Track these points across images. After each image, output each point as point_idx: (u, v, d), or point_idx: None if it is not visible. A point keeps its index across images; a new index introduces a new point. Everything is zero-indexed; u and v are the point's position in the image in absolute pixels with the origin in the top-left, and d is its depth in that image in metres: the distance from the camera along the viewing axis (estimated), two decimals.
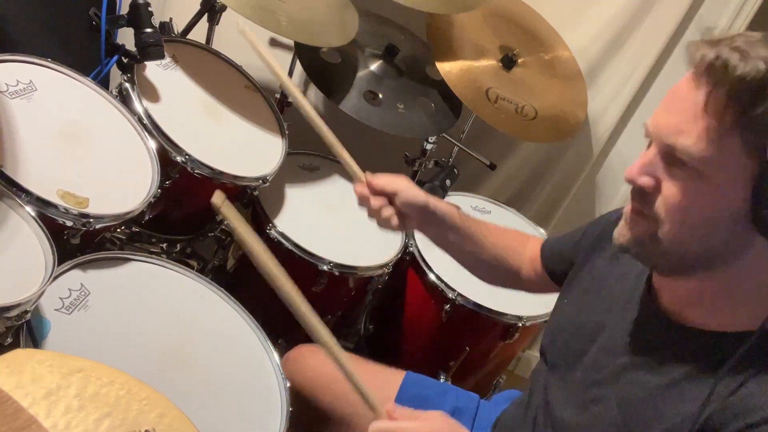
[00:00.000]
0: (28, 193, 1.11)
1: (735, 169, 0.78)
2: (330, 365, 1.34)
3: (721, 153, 0.77)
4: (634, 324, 0.95)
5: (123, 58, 1.44)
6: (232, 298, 1.31)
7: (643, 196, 0.85)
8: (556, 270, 1.21)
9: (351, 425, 1.31)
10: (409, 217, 1.21)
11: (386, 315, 1.85)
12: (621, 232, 0.89)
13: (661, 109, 0.83)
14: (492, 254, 1.27)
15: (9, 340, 0.98)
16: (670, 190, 0.82)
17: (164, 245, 1.62)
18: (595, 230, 1.13)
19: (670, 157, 0.81)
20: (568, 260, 1.16)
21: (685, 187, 0.81)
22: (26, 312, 0.97)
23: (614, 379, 0.94)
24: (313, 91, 2.17)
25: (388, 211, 1.19)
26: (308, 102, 1.21)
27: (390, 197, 1.19)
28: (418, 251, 1.70)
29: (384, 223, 1.20)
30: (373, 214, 1.21)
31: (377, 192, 1.19)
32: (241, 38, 1.91)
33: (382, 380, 1.34)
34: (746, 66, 0.74)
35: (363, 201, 1.20)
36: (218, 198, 0.97)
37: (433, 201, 1.21)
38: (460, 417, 1.30)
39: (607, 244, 1.07)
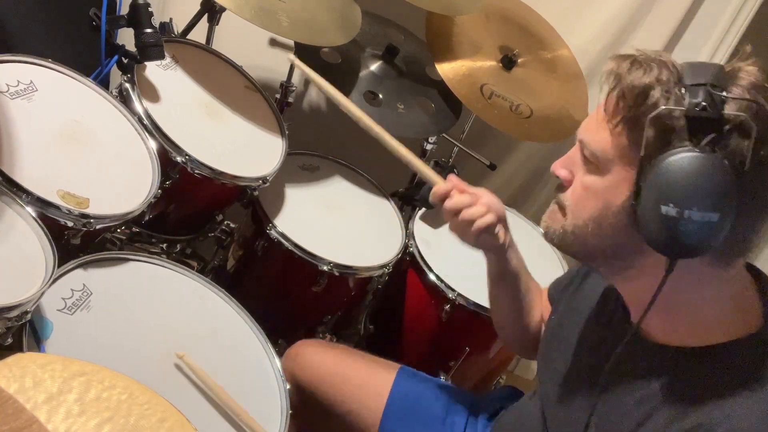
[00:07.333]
0: (28, 193, 1.11)
1: (624, 166, 0.84)
2: (331, 359, 1.35)
3: (614, 149, 0.85)
4: (611, 342, 0.96)
5: (123, 58, 1.44)
6: (232, 298, 1.31)
7: (560, 189, 0.93)
8: None
9: (353, 419, 1.31)
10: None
11: (386, 315, 1.85)
12: (543, 221, 0.96)
13: None
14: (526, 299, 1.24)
15: (9, 340, 0.98)
16: (576, 183, 0.90)
17: (164, 245, 1.62)
18: None
19: (582, 154, 0.89)
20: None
21: (585, 181, 0.88)
22: (26, 312, 0.96)
23: (596, 398, 0.94)
24: (314, 91, 2.17)
25: (490, 218, 1.11)
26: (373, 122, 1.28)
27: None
28: (418, 251, 1.70)
29: (484, 235, 1.11)
30: (465, 224, 1.11)
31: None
32: (241, 38, 1.92)
33: (378, 373, 1.36)
34: (631, 75, 0.82)
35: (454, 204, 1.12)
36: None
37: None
38: (454, 412, 1.31)
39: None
